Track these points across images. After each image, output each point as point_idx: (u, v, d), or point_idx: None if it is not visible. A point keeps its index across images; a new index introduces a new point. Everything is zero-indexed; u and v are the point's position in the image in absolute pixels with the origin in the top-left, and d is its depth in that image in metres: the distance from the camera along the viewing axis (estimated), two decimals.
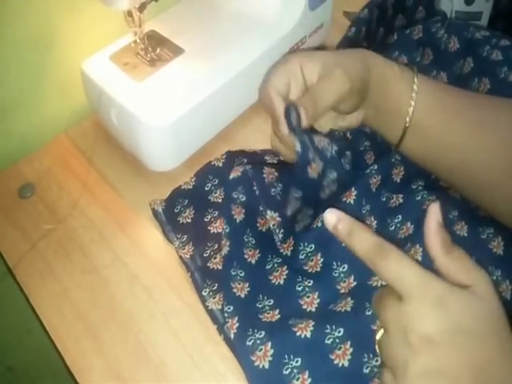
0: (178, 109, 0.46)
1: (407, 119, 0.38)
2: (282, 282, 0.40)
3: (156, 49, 0.50)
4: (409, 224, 0.41)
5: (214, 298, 0.41)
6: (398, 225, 0.42)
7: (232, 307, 0.38)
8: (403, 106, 0.38)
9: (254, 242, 0.42)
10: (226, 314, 0.38)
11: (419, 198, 0.42)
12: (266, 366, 0.35)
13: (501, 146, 0.36)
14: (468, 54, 0.48)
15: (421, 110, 0.38)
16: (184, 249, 0.44)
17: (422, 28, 0.52)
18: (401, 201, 0.43)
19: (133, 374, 0.38)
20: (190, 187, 0.48)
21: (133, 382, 0.38)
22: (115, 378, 0.38)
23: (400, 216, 0.42)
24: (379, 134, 0.43)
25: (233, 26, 0.53)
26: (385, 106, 0.39)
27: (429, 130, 0.38)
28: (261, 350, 0.36)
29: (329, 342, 0.35)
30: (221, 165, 0.48)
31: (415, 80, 0.38)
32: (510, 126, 0.36)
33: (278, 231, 0.41)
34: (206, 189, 0.48)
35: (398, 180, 0.45)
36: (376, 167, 0.43)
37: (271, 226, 0.41)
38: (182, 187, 0.48)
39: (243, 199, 0.42)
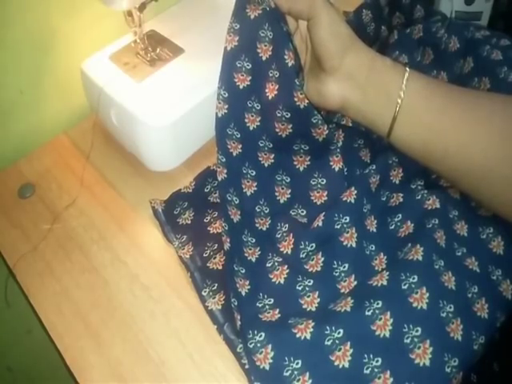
0: (178, 109, 0.46)
1: (398, 101, 0.37)
2: (282, 281, 0.40)
3: (156, 49, 0.50)
4: (409, 223, 0.41)
5: (213, 299, 0.41)
6: (399, 224, 0.42)
7: (237, 302, 0.39)
8: (393, 89, 0.37)
9: (253, 241, 0.42)
10: (232, 306, 0.38)
11: (419, 197, 0.42)
12: (267, 367, 0.35)
13: (496, 134, 0.35)
14: (468, 54, 0.48)
15: (412, 93, 0.37)
16: (183, 249, 0.44)
17: (422, 27, 0.52)
18: (401, 200, 0.43)
19: (133, 374, 0.38)
20: (190, 191, 0.48)
21: (133, 381, 0.38)
22: (115, 377, 0.38)
23: (400, 215, 0.42)
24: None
25: None
26: (374, 88, 0.38)
27: (421, 113, 0.37)
28: (261, 352, 0.36)
29: (329, 343, 0.35)
30: None
31: (407, 68, 0.38)
32: (506, 115, 0.36)
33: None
34: (206, 190, 0.48)
35: (397, 182, 0.45)
36: (374, 167, 0.43)
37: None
38: (182, 191, 0.48)
39: (237, 201, 0.43)
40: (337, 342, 0.35)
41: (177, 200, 0.47)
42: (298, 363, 0.35)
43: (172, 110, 0.46)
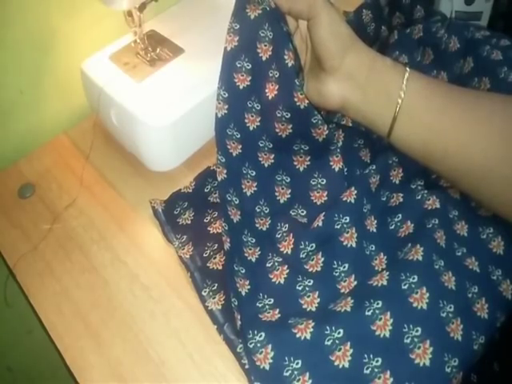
0: (178, 109, 0.46)
1: (399, 101, 0.37)
2: (282, 281, 0.40)
3: (156, 49, 0.50)
4: (409, 223, 0.41)
5: (213, 299, 0.41)
6: (399, 224, 0.42)
7: (237, 302, 0.39)
8: (394, 89, 0.37)
9: (253, 242, 0.42)
10: (232, 306, 0.38)
11: (419, 197, 0.42)
12: (267, 367, 0.35)
13: (496, 134, 0.35)
14: (468, 54, 0.48)
15: (412, 93, 0.37)
16: (183, 249, 0.44)
17: (422, 27, 0.52)
18: (401, 200, 0.43)
19: (133, 374, 0.38)
20: (190, 191, 0.48)
21: (133, 381, 0.38)
22: (115, 377, 0.38)
23: (400, 215, 0.42)
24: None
25: None
26: (374, 88, 0.38)
27: (421, 113, 0.37)
28: (261, 352, 0.36)
29: (329, 343, 0.35)
30: None
31: (407, 68, 0.38)
32: (506, 115, 0.36)
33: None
34: (206, 190, 0.48)
35: (397, 182, 0.45)
36: (374, 167, 0.43)
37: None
38: (182, 191, 0.48)
39: (237, 202, 0.43)
40: (337, 342, 0.35)
41: (177, 200, 0.47)
42: (298, 363, 0.35)
43: (172, 110, 0.46)
